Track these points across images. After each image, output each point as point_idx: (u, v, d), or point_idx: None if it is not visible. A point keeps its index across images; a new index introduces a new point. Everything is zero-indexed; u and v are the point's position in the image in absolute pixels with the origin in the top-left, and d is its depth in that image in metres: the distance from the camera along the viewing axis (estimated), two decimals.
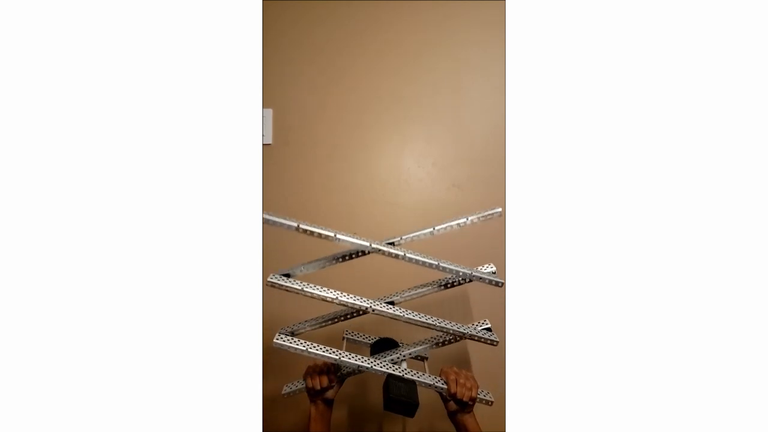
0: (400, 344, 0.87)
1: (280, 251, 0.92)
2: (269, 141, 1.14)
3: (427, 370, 0.83)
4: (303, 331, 0.85)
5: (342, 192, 1.13)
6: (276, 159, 1.14)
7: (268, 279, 0.74)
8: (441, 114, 1.14)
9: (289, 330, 0.84)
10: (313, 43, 1.14)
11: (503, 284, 0.79)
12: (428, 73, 1.13)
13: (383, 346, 0.87)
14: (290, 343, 0.76)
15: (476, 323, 0.84)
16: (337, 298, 0.74)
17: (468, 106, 1.13)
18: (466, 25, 1.15)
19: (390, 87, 1.13)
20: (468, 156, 1.13)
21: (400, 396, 0.73)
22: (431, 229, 0.79)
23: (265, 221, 0.71)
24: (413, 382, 0.77)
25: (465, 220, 0.80)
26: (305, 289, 0.74)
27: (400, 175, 1.13)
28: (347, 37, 1.15)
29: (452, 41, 1.14)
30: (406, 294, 0.85)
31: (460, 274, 0.78)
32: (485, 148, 1.13)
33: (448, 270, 0.76)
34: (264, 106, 1.14)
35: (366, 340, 0.93)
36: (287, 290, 0.73)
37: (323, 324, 0.86)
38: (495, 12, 1.13)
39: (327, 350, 0.77)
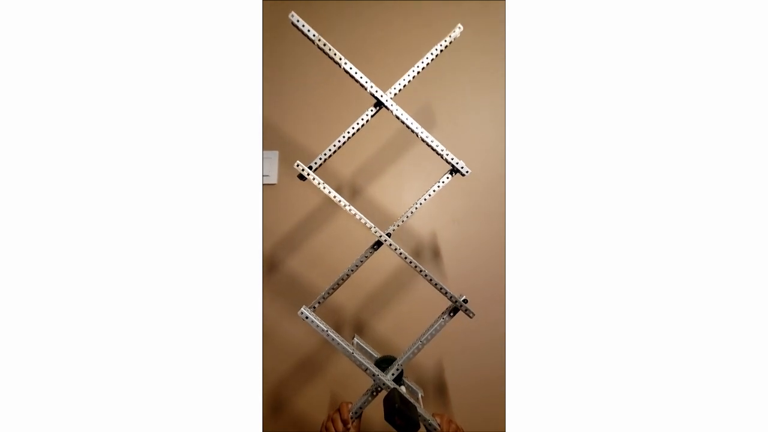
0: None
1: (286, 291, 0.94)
2: (275, 181, 1.18)
3: (421, 403, 0.84)
4: (321, 301, 0.91)
5: (344, 235, 1.17)
6: (281, 198, 1.18)
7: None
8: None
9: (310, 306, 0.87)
10: (317, 90, 1.22)
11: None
12: (425, 109, 1.20)
13: (386, 363, 0.89)
14: (313, 317, 0.80)
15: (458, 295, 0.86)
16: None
17: (465, 141, 1.19)
18: (462, 63, 1.23)
19: (389, 125, 1.19)
20: (467, 189, 1.17)
21: (405, 409, 0.74)
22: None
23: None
24: (414, 406, 0.78)
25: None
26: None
27: (400, 211, 1.17)
28: (345, 85, 1.22)
29: (449, 78, 1.21)
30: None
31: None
32: (483, 181, 1.17)
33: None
34: (270, 148, 1.19)
35: (372, 352, 0.96)
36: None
37: (340, 282, 0.91)
38: (492, 40, 1.21)
39: (343, 341, 0.80)
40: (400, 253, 0.82)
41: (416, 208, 0.92)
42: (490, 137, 1.18)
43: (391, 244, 0.82)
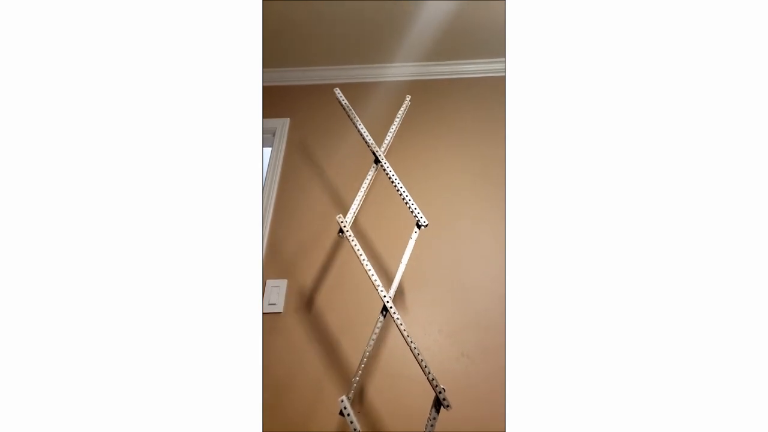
0: None
1: None
2: (281, 310, 1.18)
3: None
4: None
5: (349, 364, 1.11)
6: (287, 328, 1.16)
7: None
8: (442, 280, 1.18)
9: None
10: (321, 223, 1.30)
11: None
12: (428, 245, 1.22)
13: None
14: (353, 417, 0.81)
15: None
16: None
17: (468, 273, 1.18)
18: (462, 200, 1.30)
19: (393, 258, 1.22)
20: (474, 322, 1.12)
21: None
22: None
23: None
24: None
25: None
26: None
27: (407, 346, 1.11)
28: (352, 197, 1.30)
29: (450, 212, 1.27)
30: None
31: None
32: (488, 314, 1.12)
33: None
34: (279, 276, 1.23)
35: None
36: None
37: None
38: (491, 172, 1.28)
39: None
40: (401, 325, 0.83)
41: (401, 270, 0.99)
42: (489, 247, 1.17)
43: (391, 307, 0.82)
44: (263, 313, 1.17)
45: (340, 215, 1.01)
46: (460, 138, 1.45)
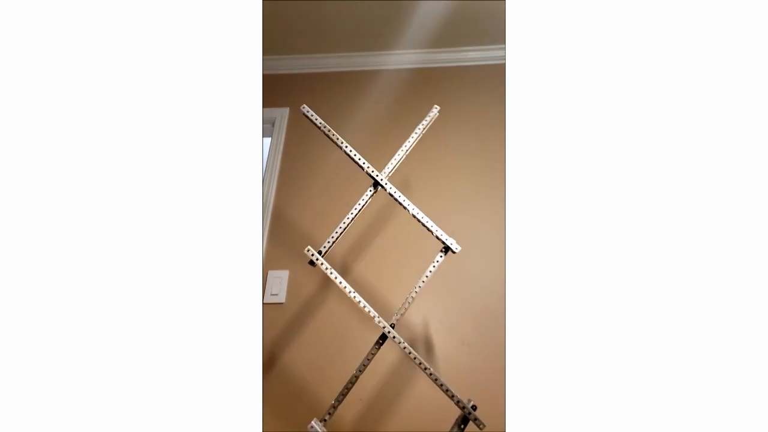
0: None
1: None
2: (282, 300, 1.20)
3: None
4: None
5: (349, 352, 1.12)
6: (288, 318, 1.18)
7: None
8: (441, 270, 1.19)
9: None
10: (322, 214, 1.30)
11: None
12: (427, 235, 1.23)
13: None
14: None
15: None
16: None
17: (467, 264, 1.19)
18: (462, 196, 1.29)
19: (397, 248, 1.22)
20: (473, 313, 1.13)
21: None
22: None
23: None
24: None
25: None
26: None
27: (408, 335, 1.12)
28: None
29: (449, 201, 1.27)
30: None
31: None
32: (487, 304, 1.13)
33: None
34: (280, 267, 1.23)
35: None
36: None
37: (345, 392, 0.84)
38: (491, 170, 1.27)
39: None
40: (404, 347, 0.80)
41: (416, 292, 0.90)
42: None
43: (395, 337, 0.81)
44: (265, 303, 1.18)
45: (309, 247, 0.90)
46: (462, 125, 1.43)
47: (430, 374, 0.78)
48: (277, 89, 1.55)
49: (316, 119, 0.97)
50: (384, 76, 1.55)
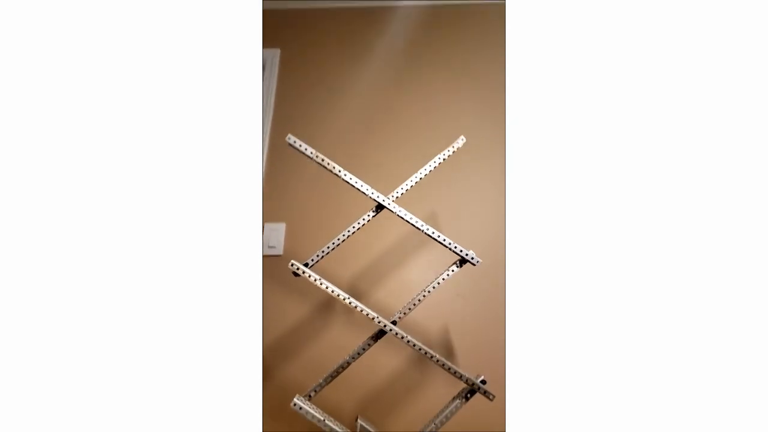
0: None
1: None
2: (280, 252, 1.20)
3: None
4: (318, 390, 0.84)
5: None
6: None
7: None
8: (441, 223, 1.19)
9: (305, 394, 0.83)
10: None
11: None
12: (424, 186, 1.21)
13: None
14: (309, 407, 0.77)
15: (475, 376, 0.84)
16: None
17: (463, 217, 1.19)
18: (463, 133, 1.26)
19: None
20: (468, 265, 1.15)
21: None
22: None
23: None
24: None
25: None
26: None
27: (405, 286, 1.15)
28: (350, 160, 1.27)
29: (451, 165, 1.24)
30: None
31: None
32: (485, 256, 1.14)
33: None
34: (278, 220, 1.23)
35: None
36: None
37: (334, 375, 0.85)
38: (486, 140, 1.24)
39: (341, 428, 0.77)
40: (408, 341, 0.80)
41: (423, 296, 0.89)
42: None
43: (396, 333, 0.81)
44: (264, 256, 1.19)
45: (293, 261, 0.87)
46: (465, 67, 1.36)
47: (437, 360, 0.79)
48: (265, 28, 1.44)
49: (306, 149, 0.90)
50: (387, 13, 1.44)
